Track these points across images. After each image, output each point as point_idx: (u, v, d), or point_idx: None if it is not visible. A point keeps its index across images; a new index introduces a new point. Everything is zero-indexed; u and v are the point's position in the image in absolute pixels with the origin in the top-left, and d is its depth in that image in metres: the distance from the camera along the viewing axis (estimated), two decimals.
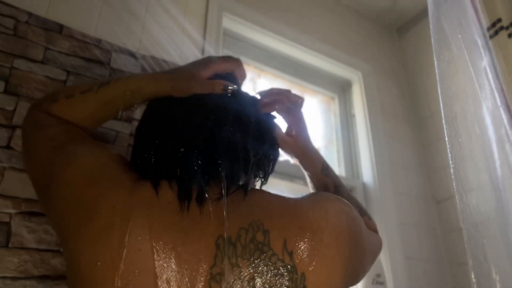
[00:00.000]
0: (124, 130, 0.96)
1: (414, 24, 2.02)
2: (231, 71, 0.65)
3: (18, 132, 0.84)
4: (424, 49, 1.90)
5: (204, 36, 1.29)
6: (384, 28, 2.11)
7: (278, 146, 0.67)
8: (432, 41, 0.85)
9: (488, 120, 0.76)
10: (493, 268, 0.65)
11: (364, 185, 1.60)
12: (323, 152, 1.65)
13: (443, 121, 0.79)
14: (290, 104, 0.72)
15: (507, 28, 0.91)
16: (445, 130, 0.79)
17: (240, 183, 0.56)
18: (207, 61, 0.64)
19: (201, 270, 0.46)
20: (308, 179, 0.77)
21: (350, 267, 0.53)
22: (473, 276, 0.67)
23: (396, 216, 1.52)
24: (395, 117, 1.82)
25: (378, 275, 1.29)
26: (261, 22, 1.53)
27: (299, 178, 1.39)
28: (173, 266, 0.46)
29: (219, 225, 0.49)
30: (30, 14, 0.94)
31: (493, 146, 0.74)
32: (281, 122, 0.73)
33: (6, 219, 0.76)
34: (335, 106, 1.80)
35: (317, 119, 1.71)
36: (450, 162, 0.76)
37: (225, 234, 0.48)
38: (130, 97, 0.65)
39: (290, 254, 0.48)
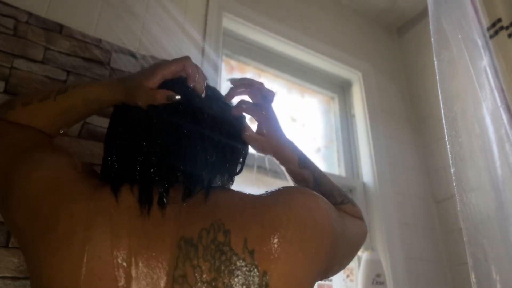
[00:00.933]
0: None
1: (414, 24, 2.02)
2: (180, 73, 0.59)
3: None
4: (424, 49, 1.90)
5: (204, 36, 1.29)
6: (384, 28, 2.11)
7: (244, 147, 0.66)
8: (432, 41, 0.85)
9: (488, 120, 0.76)
10: (493, 268, 0.65)
11: (364, 185, 1.60)
12: (323, 152, 1.65)
13: (443, 121, 0.79)
14: (261, 98, 0.68)
15: (507, 28, 0.91)
16: (445, 130, 0.79)
17: (203, 184, 0.55)
18: (154, 67, 0.58)
19: (164, 273, 0.46)
20: (286, 174, 0.75)
21: (317, 263, 0.52)
22: (473, 276, 0.67)
23: (396, 216, 1.52)
24: (395, 117, 1.82)
25: (378, 275, 1.29)
26: (261, 22, 1.53)
27: None
28: (136, 271, 0.45)
29: (180, 228, 0.49)
30: (30, 14, 0.94)
31: (493, 146, 0.74)
32: (250, 119, 0.70)
33: None
34: (335, 106, 1.80)
35: (317, 119, 1.71)
36: (450, 162, 0.76)
37: (183, 236, 0.48)
38: (89, 106, 0.63)
39: (251, 252, 0.47)
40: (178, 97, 0.55)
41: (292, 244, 0.49)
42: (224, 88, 1.21)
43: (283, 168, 0.75)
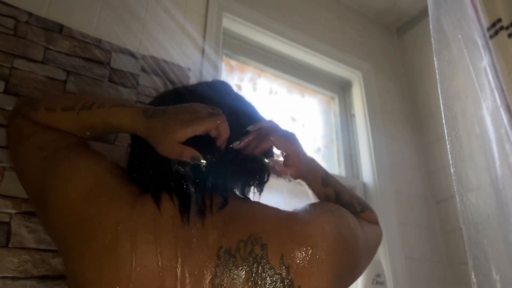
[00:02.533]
0: None
1: (414, 24, 2.02)
2: (211, 132, 0.55)
3: None
4: (424, 49, 1.90)
5: (204, 36, 1.29)
6: (384, 28, 2.11)
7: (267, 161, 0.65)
8: (432, 41, 0.85)
9: (488, 120, 0.76)
10: (493, 268, 0.65)
11: (364, 185, 1.60)
12: (323, 152, 1.65)
13: (443, 121, 0.79)
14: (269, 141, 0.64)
15: (507, 28, 0.91)
16: (445, 130, 0.79)
17: (235, 194, 0.57)
18: (186, 119, 0.53)
19: (205, 282, 0.47)
20: (309, 192, 0.78)
21: (344, 277, 0.56)
22: (473, 276, 0.67)
23: (396, 216, 1.52)
24: (395, 117, 1.82)
25: (378, 275, 1.29)
26: (261, 22, 1.53)
27: None
28: (180, 280, 0.46)
29: (219, 237, 0.50)
30: (30, 14, 0.94)
31: (493, 146, 0.74)
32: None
33: (6, 219, 0.76)
34: (335, 106, 1.80)
35: (317, 119, 1.71)
36: (450, 162, 0.76)
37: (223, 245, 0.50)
38: (109, 129, 0.62)
39: (287, 268, 0.49)
40: (203, 161, 0.52)
41: (324, 263, 0.52)
42: None
43: (308, 189, 0.76)
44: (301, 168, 0.69)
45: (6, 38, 0.89)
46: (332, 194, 0.75)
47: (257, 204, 0.59)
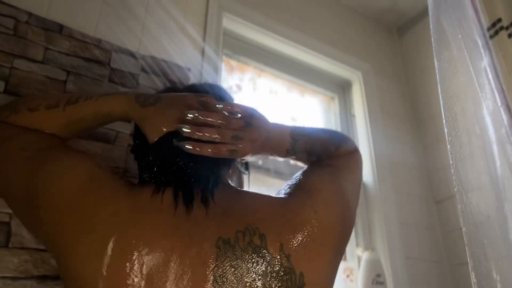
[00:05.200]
0: (124, 130, 0.96)
1: (414, 24, 2.02)
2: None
3: None
4: (424, 49, 1.90)
5: (204, 36, 1.29)
6: (384, 28, 2.11)
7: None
8: (432, 41, 0.85)
9: (488, 120, 0.76)
10: (494, 268, 0.65)
11: (364, 185, 1.60)
12: None
13: (443, 121, 0.79)
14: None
15: (507, 28, 0.91)
16: (445, 130, 0.79)
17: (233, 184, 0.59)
18: (179, 116, 0.55)
19: (205, 273, 0.47)
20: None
21: (342, 251, 0.58)
22: (473, 276, 0.67)
23: (396, 216, 1.52)
24: (395, 117, 1.82)
25: (378, 275, 1.29)
26: (261, 22, 1.53)
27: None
28: (179, 269, 0.46)
29: (217, 228, 0.50)
30: (30, 14, 0.94)
31: (493, 146, 0.74)
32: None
33: (6, 219, 0.76)
34: (335, 106, 1.80)
35: (317, 119, 1.71)
36: (450, 162, 0.76)
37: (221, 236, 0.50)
38: (100, 120, 0.62)
39: (287, 256, 0.50)
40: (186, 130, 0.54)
41: (323, 245, 0.54)
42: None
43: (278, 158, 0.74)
44: (259, 147, 0.64)
45: (6, 38, 0.89)
46: (304, 156, 0.72)
47: (250, 193, 0.59)
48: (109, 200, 0.50)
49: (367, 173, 1.60)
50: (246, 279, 0.47)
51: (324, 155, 0.72)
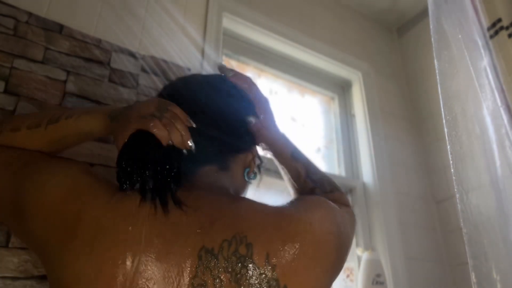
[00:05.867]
0: None
1: (414, 24, 2.02)
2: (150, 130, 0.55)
3: None
4: (424, 49, 1.90)
5: (204, 36, 1.29)
6: (384, 28, 2.11)
7: (246, 141, 0.67)
8: (432, 41, 0.85)
9: (488, 120, 0.76)
10: (494, 268, 0.65)
11: (364, 185, 1.60)
12: (323, 152, 1.65)
13: (443, 121, 0.79)
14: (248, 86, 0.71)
15: (507, 28, 0.91)
16: (445, 130, 0.79)
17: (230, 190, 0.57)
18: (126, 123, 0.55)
19: (183, 281, 0.46)
20: (279, 168, 0.77)
21: (332, 273, 0.55)
22: (473, 276, 0.67)
23: (396, 216, 1.52)
24: (395, 117, 1.82)
25: (378, 275, 1.29)
26: (261, 22, 1.53)
27: None
28: (156, 277, 0.46)
29: (202, 236, 0.49)
30: (30, 14, 0.94)
31: (493, 146, 0.74)
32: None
33: None
34: (335, 106, 1.80)
35: (317, 119, 1.71)
36: (450, 162, 0.76)
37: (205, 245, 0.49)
38: (82, 138, 0.63)
39: (273, 267, 0.48)
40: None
41: (312, 259, 0.51)
42: None
43: (276, 161, 0.76)
44: (268, 132, 0.70)
45: (6, 38, 0.89)
46: (303, 171, 0.74)
47: (244, 200, 0.58)
48: (91, 206, 0.50)
49: (367, 173, 1.60)
50: None
51: (319, 187, 0.72)
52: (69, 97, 0.92)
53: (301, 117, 1.64)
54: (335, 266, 0.56)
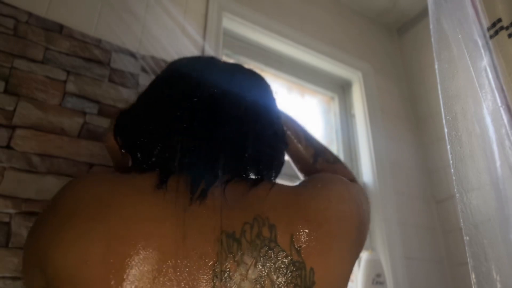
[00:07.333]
0: None
1: (414, 24, 2.02)
2: None
3: (18, 132, 0.83)
4: (424, 49, 1.90)
5: (204, 36, 1.29)
6: (384, 28, 2.11)
7: (284, 141, 0.65)
8: (432, 41, 0.85)
9: (488, 120, 0.76)
10: (494, 268, 0.65)
11: (364, 185, 1.60)
12: None
13: (443, 121, 0.79)
14: None
15: (507, 28, 0.91)
16: (445, 130, 0.79)
17: (245, 175, 0.53)
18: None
19: (204, 267, 0.43)
20: (290, 159, 0.75)
21: (356, 251, 0.53)
22: (473, 276, 0.67)
23: (396, 216, 1.52)
24: (395, 117, 1.82)
25: (378, 275, 1.29)
26: (261, 22, 1.53)
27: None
28: (174, 262, 0.42)
29: (222, 220, 0.46)
30: (30, 14, 0.94)
31: (493, 146, 0.74)
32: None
33: (6, 219, 0.76)
34: (335, 106, 1.80)
35: (317, 119, 1.71)
36: (450, 162, 0.76)
37: (227, 229, 0.45)
38: (119, 155, 0.62)
39: (298, 249, 0.46)
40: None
41: (336, 238, 0.49)
42: None
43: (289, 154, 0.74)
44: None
45: (6, 38, 0.89)
46: (302, 137, 0.73)
47: (261, 181, 0.54)
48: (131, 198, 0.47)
49: (367, 173, 1.60)
50: (252, 275, 0.43)
51: (322, 155, 0.71)
52: (69, 97, 0.92)
53: (301, 117, 1.64)
54: (357, 244, 0.54)
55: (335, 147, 1.69)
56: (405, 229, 1.53)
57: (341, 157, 1.67)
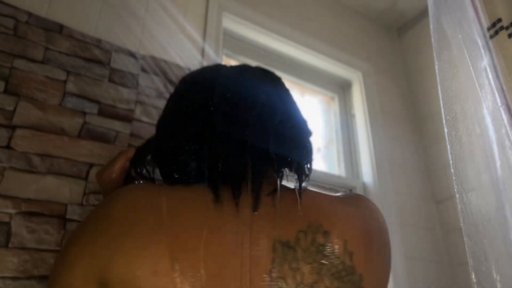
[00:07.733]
0: (124, 130, 0.96)
1: (414, 24, 2.02)
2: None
3: (18, 132, 0.83)
4: (424, 49, 1.90)
5: (204, 36, 1.29)
6: (384, 28, 2.11)
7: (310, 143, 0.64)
8: (432, 41, 0.85)
9: (488, 120, 0.76)
10: (494, 268, 0.65)
11: (364, 185, 1.60)
12: (323, 152, 1.65)
13: (443, 121, 0.79)
14: None
15: (507, 28, 0.91)
16: (445, 130, 0.79)
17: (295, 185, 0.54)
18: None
19: (259, 274, 0.44)
20: None
21: (390, 262, 0.56)
22: (473, 276, 0.67)
23: (396, 216, 1.52)
24: (395, 117, 1.82)
25: None
26: (261, 22, 1.53)
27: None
28: (230, 269, 0.43)
29: (274, 229, 0.47)
30: (30, 14, 0.94)
31: (493, 146, 0.74)
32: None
33: (6, 219, 0.76)
34: (335, 106, 1.80)
35: (317, 119, 1.71)
36: (450, 162, 0.76)
37: (279, 238, 0.47)
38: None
39: (351, 255, 0.47)
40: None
41: (380, 246, 0.52)
42: None
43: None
44: None
45: (6, 38, 0.89)
46: None
47: (308, 191, 0.55)
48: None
49: (367, 173, 1.60)
50: (308, 281, 0.44)
51: None
52: (69, 97, 0.92)
53: None
54: (390, 256, 0.57)
55: (335, 147, 1.69)
56: (405, 229, 1.53)
57: (341, 157, 1.67)
